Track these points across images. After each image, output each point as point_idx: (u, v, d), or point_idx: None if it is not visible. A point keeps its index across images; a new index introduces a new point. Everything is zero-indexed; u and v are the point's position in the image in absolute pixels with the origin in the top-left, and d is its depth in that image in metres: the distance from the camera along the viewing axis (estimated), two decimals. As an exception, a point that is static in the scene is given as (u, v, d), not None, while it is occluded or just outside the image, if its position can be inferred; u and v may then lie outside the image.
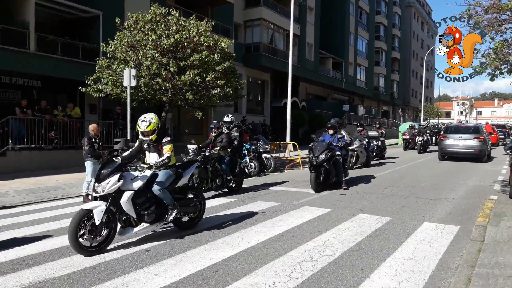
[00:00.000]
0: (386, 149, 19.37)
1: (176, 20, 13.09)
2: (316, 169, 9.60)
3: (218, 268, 4.60)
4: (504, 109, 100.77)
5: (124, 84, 12.32)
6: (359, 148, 14.78)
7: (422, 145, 22.61)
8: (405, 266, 4.64)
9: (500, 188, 10.29)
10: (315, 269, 4.56)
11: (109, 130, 15.54)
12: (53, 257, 4.97)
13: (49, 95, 16.23)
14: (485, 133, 18.53)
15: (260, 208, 7.88)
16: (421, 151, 22.43)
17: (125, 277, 4.33)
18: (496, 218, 6.57)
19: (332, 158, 9.76)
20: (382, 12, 49.63)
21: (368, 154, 15.49)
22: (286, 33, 28.67)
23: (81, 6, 16.05)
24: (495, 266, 4.42)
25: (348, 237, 5.80)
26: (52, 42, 15.50)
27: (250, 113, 27.25)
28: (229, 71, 14.05)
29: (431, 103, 71.11)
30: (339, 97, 42.20)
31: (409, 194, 9.51)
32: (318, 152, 9.54)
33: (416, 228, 6.31)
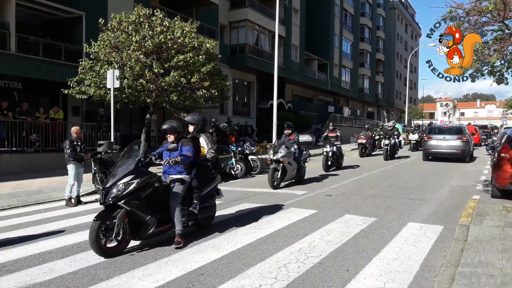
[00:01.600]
0: (343, 155, 15.62)
1: (160, 21, 13.00)
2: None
3: (204, 271, 4.55)
4: (486, 110, 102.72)
5: (108, 86, 12.17)
6: (285, 159, 10.52)
7: (388, 150, 18.45)
8: (390, 266, 4.66)
9: (482, 188, 10.46)
10: (301, 270, 4.55)
11: (92, 132, 15.32)
12: (35, 263, 4.86)
13: (31, 97, 15.94)
14: (467, 133, 18.84)
15: (246, 210, 7.85)
16: (388, 158, 18.36)
17: (108, 282, 4.25)
18: (479, 218, 6.66)
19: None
20: (366, 14, 50.16)
21: (300, 165, 11.37)
22: (271, 34, 28.72)
23: (64, 7, 15.80)
24: (478, 265, 4.48)
25: (334, 238, 5.81)
26: (34, 43, 15.23)
27: (236, 115, 27.20)
28: (214, 73, 14.01)
29: (415, 104, 72.09)
30: (325, 98, 42.47)
31: (394, 194, 9.59)
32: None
33: (400, 228, 6.37)
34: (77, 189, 8.78)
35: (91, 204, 8.85)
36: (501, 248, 5.06)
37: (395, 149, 19.20)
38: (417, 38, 75.39)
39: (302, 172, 11.62)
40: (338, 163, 15.01)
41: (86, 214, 7.66)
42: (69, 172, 8.68)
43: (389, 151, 18.54)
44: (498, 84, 7.91)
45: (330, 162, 14.33)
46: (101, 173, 9.50)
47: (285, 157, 10.49)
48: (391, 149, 18.68)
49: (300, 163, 11.38)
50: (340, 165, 15.14)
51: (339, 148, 14.93)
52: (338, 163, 15.02)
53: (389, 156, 18.50)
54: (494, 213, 7.03)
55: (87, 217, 7.42)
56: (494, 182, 8.66)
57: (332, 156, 14.37)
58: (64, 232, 6.29)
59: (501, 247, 5.11)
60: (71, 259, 4.99)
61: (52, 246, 5.50)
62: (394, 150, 19.18)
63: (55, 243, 5.67)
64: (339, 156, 15.03)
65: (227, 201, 8.76)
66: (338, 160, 14.94)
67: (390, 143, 18.70)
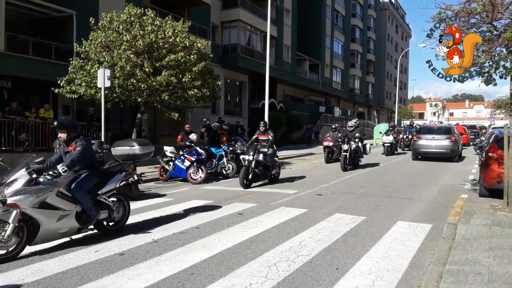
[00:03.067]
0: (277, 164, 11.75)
1: (152, 20, 12.94)
2: None
3: (194, 270, 4.56)
4: (475, 110, 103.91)
5: (98, 85, 12.09)
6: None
7: (347, 159, 14.43)
8: (379, 265, 4.71)
9: (470, 187, 10.59)
10: (291, 269, 4.57)
11: (82, 132, 15.20)
12: (23, 263, 4.82)
13: (21, 97, 15.74)
14: (456, 133, 19.06)
15: (237, 209, 7.86)
16: (347, 167, 14.32)
17: (98, 282, 4.24)
18: (467, 216, 6.75)
19: None
20: (357, 15, 50.42)
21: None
22: (263, 34, 28.74)
23: (54, 6, 15.66)
24: (465, 263, 4.54)
25: (324, 237, 5.85)
26: (24, 41, 15.07)
27: (228, 114, 27.18)
28: (206, 72, 13.98)
29: (405, 104, 72.64)
30: (316, 98, 42.62)
31: (383, 193, 9.68)
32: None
33: (390, 227, 6.43)
34: (67, 189, 8.69)
35: (81, 204, 8.78)
36: (488, 246, 5.14)
37: (357, 156, 15.13)
38: (407, 39, 75.96)
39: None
40: (270, 175, 11.31)
41: (76, 214, 7.61)
42: (59, 172, 8.59)
43: (348, 159, 14.45)
44: (486, 85, 8.02)
45: (251, 176, 10.60)
46: (91, 173, 9.42)
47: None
48: (351, 156, 14.65)
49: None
50: (274, 177, 11.50)
51: (271, 155, 11.09)
52: (271, 176, 11.36)
53: (349, 165, 14.56)
54: (482, 211, 7.13)
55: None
56: (482, 181, 8.78)
57: (257, 167, 10.73)
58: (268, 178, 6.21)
59: (488, 245, 5.18)
60: (60, 259, 4.96)
61: (40, 246, 5.45)
62: (356, 157, 15.11)
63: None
64: (271, 167, 11.13)
65: (218, 201, 8.77)
66: (268, 172, 11.19)
67: (350, 148, 14.60)
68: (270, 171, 11.24)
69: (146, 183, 11.59)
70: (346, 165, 14.26)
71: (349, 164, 14.53)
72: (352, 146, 14.68)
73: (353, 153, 14.75)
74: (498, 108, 45.95)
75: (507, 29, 7.43)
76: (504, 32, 7.35)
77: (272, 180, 11.42)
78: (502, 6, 7.41)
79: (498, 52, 7.68)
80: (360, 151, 15.30)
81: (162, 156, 12.30)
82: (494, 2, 7.23)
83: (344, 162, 14.23)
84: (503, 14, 7.50)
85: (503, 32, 7.39)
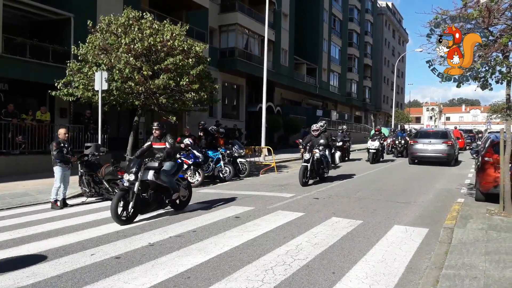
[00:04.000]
0: (182, 184, 8.09)
1: (150, 23, 12.95)
2: None
3: (190, 274, 4.54)
4: (471, 115, 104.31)
5: (96, 88, 12.08)
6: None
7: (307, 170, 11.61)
8: (376, 269, 4.71)
9: (467, 191, 10.62)
10: (288, 273, 4.57)
11: (80, 134, 15.18)
12: (18, 266, 4.78)
13: (17, 99, 15.72)
14: (453, 137, 19.13)
15: (234, 212, 7.85)
16: (306, 182, 11.60)
17: (93, 285, 4.22)
18: (463, 221, 6.77)
19: None
20: (355, 20, 50.67)
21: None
22: (261, 38, 28.81)
23: (52, 8, 15.65)
24: (461, 268, 4.55)
25: (320, 241, 5.85)
26: (21, 44, 15.03)
27: (225, 118, 27.20)
28: (203, 75, 13.99)
29: (401, 108, 72.88)
30: (313, 102, 42.71)
31: (380, 197, 9.69)
32: None
33: (386, 231, 6.43)
34: (63, 192, 8.67)
35: (77, 207, 8.76)
36: (485, 250, 5.15)
37: (321, 167, 12.14)
38: (404, 44, 76.35)
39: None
40: (166, 202, 7.74)
41: (72, 217, 7.59)
42: (56, 175, 8.58)
43: (310, 171, 11.70)
44: (482, 90, 8.04)
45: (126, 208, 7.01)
46: (88, 176, 9.41)
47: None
48: (313, 167, 11.88)
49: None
50: (179, 204, 8.04)
51: (168, 171, 7.61)
52: (169, 203, 7.86)
53: (311, 178, 11.96)
54: (478, 216, 7.14)
55: (73, 220, 7.36)
56: (478, 186, 8.80)
57: (145, 191, 7.29)
58: (49, 235, 6.21)
59: (485, 249, 5.19)
60: (56, 262, 4.94)
61: (36, 250, 5.43)
62: (320, 168, 12.13)
63: (39, 246, 5.60)
64: (171, 189, 7.55)
65: (215, 204, 8.76)
66: (165, 198, 7.64)
67: (313, 158, 11.83)
68: (170, 195, 7.54)
69: (142, 186, 11.55)
70: (305, 178, 11.52)
71: (311, 176, 11.87)
72: (316, 155, 11.89)
73: (316, 164, 11.99)
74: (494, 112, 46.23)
75: (503, 34, 7.47)
76: (500, 38, 7.39)
77: (177, 206, 7.96)
78: (498, 11, 7.45)
79: (494, 57, 7.72)
80: (326, 161, 12.26)
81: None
82: (490, 7, 7.27)
83: (303, 175, 11.45)
84: (499, 19, 7.54)
85: (499, 38, 7.43)
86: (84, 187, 9.49)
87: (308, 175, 11.69)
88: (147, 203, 7.33)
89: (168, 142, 7.86)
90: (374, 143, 19.07)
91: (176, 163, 8.00)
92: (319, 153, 11.95)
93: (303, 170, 11.55)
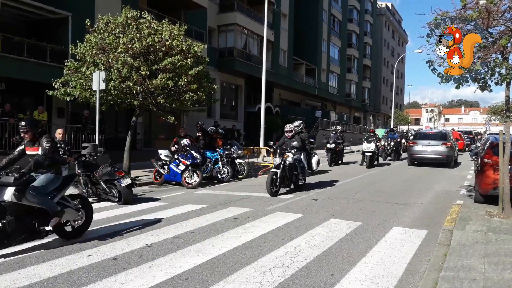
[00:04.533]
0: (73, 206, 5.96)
1: (148, 23, 12.90)
2: None
3: (188, 276, 4.51)
4: (470, 116, 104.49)
5: (93, 87, 12.02)
6: None
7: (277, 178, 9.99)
8: (375, 271, 4.68)
9: (466, 193, 10.60)
10: (286, 275, 4.53)
11: (77, 134, 15.11)
12: (14, 267, 4.74)
13: (14, 98, 15.65)
14: (452, 139, 19.13)
15: (232, 214, 7.81)
16: (275, 190, 9.96)
17: (90, 287, 4.18)
18: (462, 223, 6.74)
19: None
20: (354, 20, 50.70)
21: None
22: (260, 38, 28.81)
23: (50, 7, 15.59)
24: (460, 269, 4.52)
25: (319, 242, 5.81)
26: (18, 43, 14.97)
27: (224, 118, 27.17)
28: (202, 76, 13.94)
29: (401, 109, 72.97)
30: (312, 103, 42.71)
31: (379, 199, 9.66)
32: None
33: (385, 233, 6.40)
34: (61, 192, 8.61)
35: (75, 207, 8.70)
36: (484, 252, 5.13)
37: (294, 174, 10.52)
38: (403, 45, 76.44)
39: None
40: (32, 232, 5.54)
41: (69, 218, 7.53)
42: (52, 175, 8.51)
43: (280, 178, 10.05)
44: (482, 91, 8.02)
45: None
46: (85, 176, 9.36)
47: None
48: (285, 174, 10.28)
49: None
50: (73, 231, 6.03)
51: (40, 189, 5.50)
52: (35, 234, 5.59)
53: (282, 186, 10.32)
54: (477, 218, 7.12)
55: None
56: (477, 188, 8.78)
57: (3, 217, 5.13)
58: (45, 236, 6.15)
59: (484, 251, 5.17)
60: (52, 263, 4.89)
61: (32, 250, 5.38)
62: (293, 175, 10.51)
63: (36, 247, 5.56)
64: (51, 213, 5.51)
65: (213, 205, 8.72)
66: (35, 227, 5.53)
67: (284, 163, 10.20)
68: (47, 220, 5.50)
69: (140, 187, 11.53)
70: (274, 187, 9.91)
71: (282, 184, 10.29)
72: (288, 160, 10.26)
73: (288, 170, 10.33)
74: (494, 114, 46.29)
75: (503, 36, 7.45)
76: (500, 39, 7.37)
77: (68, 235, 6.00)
78: (498, 13, 7.44)
79: (494, 59, 7.70)
80: (301, 167, 10.68)
81: (156, 160, 12.24)
82: (489, 9, 7.26)
83: (271, 182, 9.83)
84: (498, 21, 7.53)
85: (499, 39, 7.42)
86: (81, 187, 9.44)
87: (279, 182, 10.01)
88: (4, 235, 5.08)
89: (42, 146, 5.67)
90: (370, 145, 17.54)
91: (57, 175, 5.76)
92: (291, 158, 10.32)
93: (271, 177, 9.88)
